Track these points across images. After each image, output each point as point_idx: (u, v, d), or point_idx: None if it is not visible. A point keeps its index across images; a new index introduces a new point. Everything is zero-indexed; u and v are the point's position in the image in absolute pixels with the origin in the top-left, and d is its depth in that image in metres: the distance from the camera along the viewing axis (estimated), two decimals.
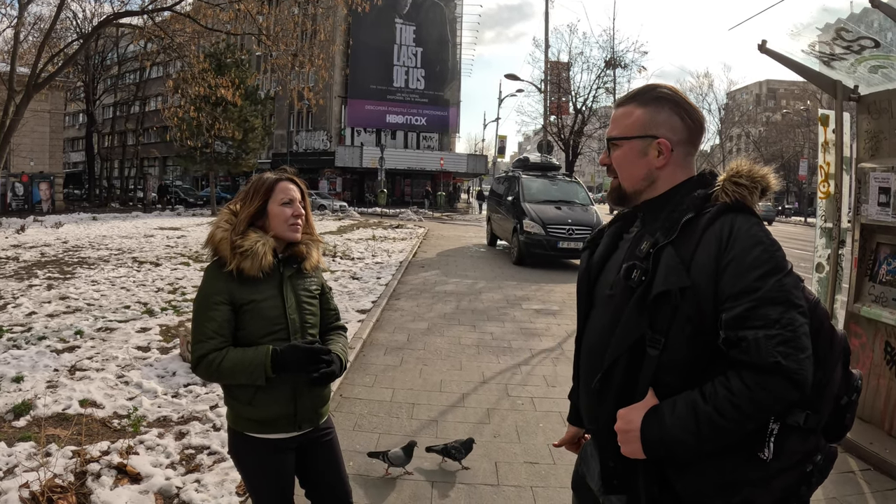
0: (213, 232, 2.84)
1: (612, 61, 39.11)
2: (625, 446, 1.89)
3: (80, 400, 5.97)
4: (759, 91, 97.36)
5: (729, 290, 1.78)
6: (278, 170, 3.00)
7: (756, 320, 1.72)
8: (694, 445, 1.77)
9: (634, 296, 1.91)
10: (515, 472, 5.00)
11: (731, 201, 1.90)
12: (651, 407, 1.85)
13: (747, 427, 1.74)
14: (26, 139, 37.55)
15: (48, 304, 10.37)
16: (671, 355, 1.85)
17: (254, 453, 2.87)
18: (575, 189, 20.13)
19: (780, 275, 1.76)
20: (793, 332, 1.70)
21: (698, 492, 1.84)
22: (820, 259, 6.51)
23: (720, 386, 1.75)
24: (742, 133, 79.08)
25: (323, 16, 24.34)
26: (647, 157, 2.06)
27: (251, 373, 2.68)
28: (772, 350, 1.68)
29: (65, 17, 38.92)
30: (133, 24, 19.08)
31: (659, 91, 2.08)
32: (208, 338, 2.70)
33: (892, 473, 4.97)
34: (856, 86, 5.99)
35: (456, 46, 64.67)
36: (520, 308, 11.77)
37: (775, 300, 1.73)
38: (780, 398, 1.70)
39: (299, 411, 2.86)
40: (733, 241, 1.81)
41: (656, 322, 1.86)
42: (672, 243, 1.89)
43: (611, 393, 1.97)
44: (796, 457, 1.79)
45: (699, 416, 1.75)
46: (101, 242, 20.51)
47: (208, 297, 2.75)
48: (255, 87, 43.20)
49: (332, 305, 3.18)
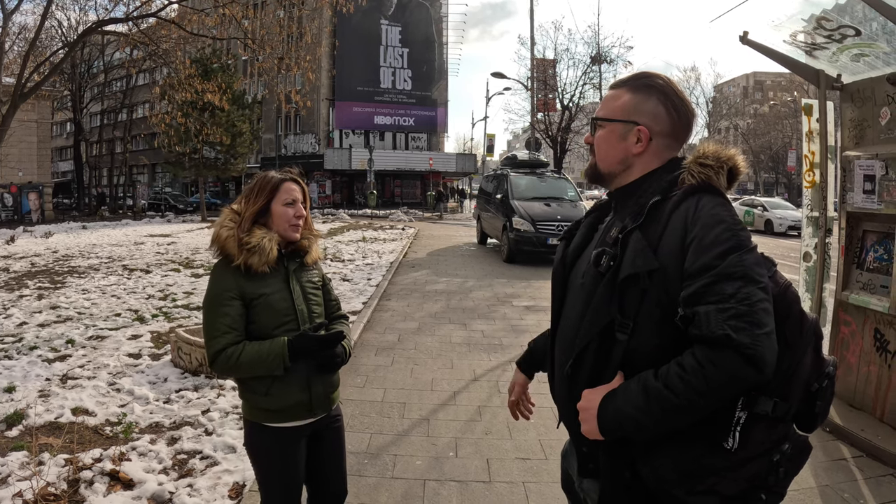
0: (218, 231, 2.91)
1: (597, 57, 39.25)
2: (584, 425, 1.89)
3: (72, 408, 5.95)
4: (746, 83, 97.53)
5: (689, 268, 1.77)
6: (283, 170, 3.08)
7: (711, 296, 1.70)
8: (645, 423, 1.76)
9: (603, 281, 1.92)
10: (507, 469, 5.00)
11: (697, 182, 1.91)
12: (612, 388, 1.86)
13: (701, 405, 1.69)
14: (14, 149, 37.33)
15: (39, 313, 10.33)
16: (640, 340, 1.85)
17: (269, 443, 2.96)
18: (563, 185, 20.18)
19: (740, 251, 1.74)
20: (748, 307, 1.67)
21: (662, 479, 1.83)
22: (807, 248, 6.55)
23: (674, 363, 1.73)
24: (730, 126, 79.24)
25: (308, 18, 24.32)
26: (625, 142, 2.07)
27: (269, 364, 2.78)
28: (722, 323, 1.65)
29: (49, 25, 38.86)
30: (118, 31, 19.05)
31: (651, 79, 2.08)
32: (223, 333, 2.78)
33: (884, 460, 4.99)
34: (839, 74, 6.02)
35: (442, 46, 64.58)
36: (510, 305, 11.79)
37: (732, 275, 1.71)
38: (734, 376, 1.65)
39: (313, 398, 2.97)
40: (696, 221, 1.81)
41: (625, 306, 1.86)
42: (640, 227, 1.89)
43: (581, 379, 1.98)
44: (763, 446, 1.76)
45: (649, 392, 1.74)
46: (91, 251, 20.42)
47: (219, 293, 2.83)
48: (242, 92, 43.07)
49: (334, 296, 3.30)
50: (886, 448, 5.05)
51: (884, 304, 5.51)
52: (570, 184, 20.52)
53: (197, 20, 16.52)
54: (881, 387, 5.56)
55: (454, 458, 5.16)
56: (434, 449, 5.35)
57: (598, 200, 2.35)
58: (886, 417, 5.47)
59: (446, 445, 5.43)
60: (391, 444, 5.43)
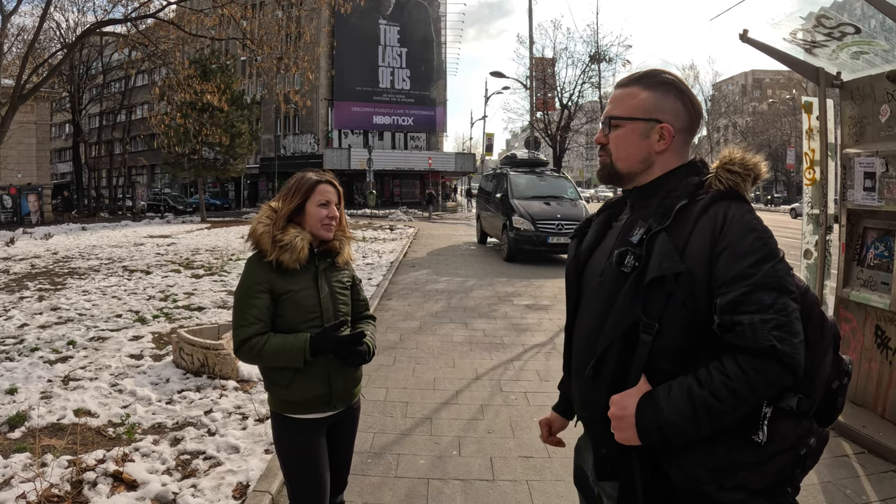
0: (255, 227, 3.04)
1: (596, 56, 39.18)
2: (619, 433, 1.88)
3: (74, 409, 5.95)
4: (745, 81, 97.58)
5: (723, 276, 1.78)
6: (319, 171, 3.20)
7: (750, 305, 1.73)
8: (691, 431, 1.77)
9: (628, 281, 1.91)
10: (511, 467, 5.01)
11: (725, 189, 1.91)
12: (645, 393, 1.85)
13: (741, 411, 1.74)
14: (13, 151, 37.30)
15: (40, 315, 10.33)
16: (664, 341, 1.86)
17: (291, 433, 3.09)
18: (563, 184, 20.19)
19: (773, 261, 1.77)
20: (786, 317, 1.71)
21: (691, 477, 1.83)
22: (808, 245, 6.55)
23: (715, 371, 1.75)
24: (729, 123, 79.30)
25: (307, 18, 24.32)
26: (648, 140, 2.06)
27: (291, 356, 2.90)
28: (767, 334, 1.69)
29: (48, 27, 38.95)
30: (117, 32, 19.04)
31: (665, 76, 2.08)
32: (250, 323, 2.92)
33: (886, 456, 5.01)
34: (838, 72, 6.02)
35: (440, 45, 64.59)
36: (511, 304, 11.79)
37: (769, 286, 1.74)
38: (774, 382, 1.70)
39: (333, 392, 3.09)
40: (728, 229, 1.82)
41: (650, 308, 1.87)
42: (666, 229, 1.90)
43: (604, 379, 1.97)
44: (790, 440, 1.79)
45: (695, 401, 1.75)
46: (91, 252, 20.43)
47: (250, 285, 2.97)
48: (240, 92, 43.12)
49: (363, 297, 3.43)
50: (888, 444, 5.05)
51: (884, 301, 5.51)
52: (569, 182, 20.52)
53: (196, 21, 16.52)
54: (882, 384, 5.57)
55: (457, 457, 5.17)
56: (437, 448, 5.36)
57: (612, 198, 2.36)
58: (888, 414, 5.47)
59: (449, 444, 5.43)
60: (394, 443, 5.44)
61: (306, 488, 3.08)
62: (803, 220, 6.62)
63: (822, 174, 6.34)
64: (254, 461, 4.90)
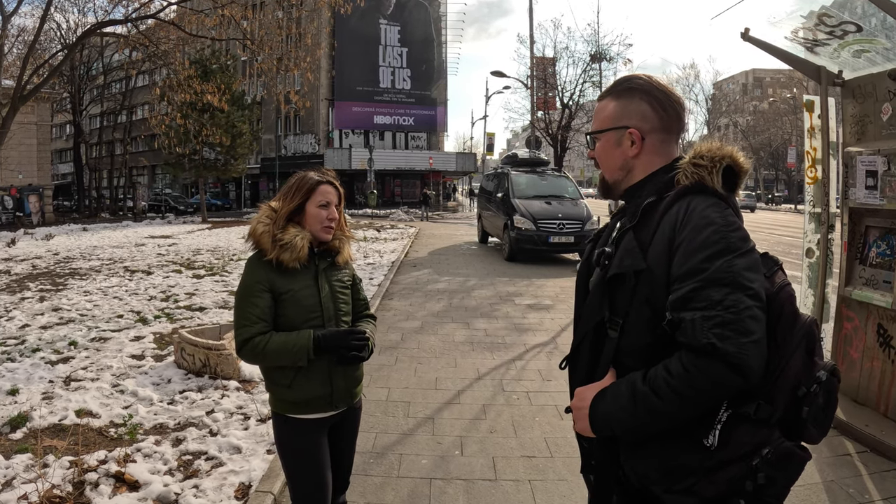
0: (255, 227, 3.04)
1: (597, 55, 39.05)
2: (576, 423, 1.94)
3: (75, 410, 5.95)
4: (746, 80, 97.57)
5: (676, 272, 1.78)
6: (321, 171, 3.21)
7: (699, 301, 1.70)
8: (631, 425, 1.79)
9: (597, 279, 1.97)
10: (513, 467, 5.00)
11: (690, 183, 1.91)
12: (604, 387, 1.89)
13: (688, 411, 1.72)
14: (14, 152, 37.29)
15: (41, 316, 10.33)
16: (630, 338, 1.88)
17: (292, 433, 3.08)
18: (564, 183, 20.19)
19: (729, 256, 1.73)
20: (735, 315, 1.66)
21: (644, 476, 1.87)
22: (810, 244, 6.55)
23: (661, 368, 1.75)
24: (730, 123, 79.23)
25: (307, 19, 24.30)
26: (621, 147, 2.09)
27: (295, 354, 2.90)
28: (706, 332, 1.66)
29: (49, 28, 38.92)
30: (117, 32, 19.04)
31: (632, 82, 2.10)
32: (252, 322, 2.92)
33: (889, 455, 5.00)
34: (840, 71, 6.02)
35: (441, 45, 64.51)
36: (512, 304, 11.79)
37: (720, 281, 1.70)
38: (721, 382, 1.66)
39: (335, 391, 3.09)
40: (685, 223, 1.81)
41: (615, 305, 1.91)
42: (633, 228, 1.93)
43: (579, 373, 2.03)
44: (743, 448, 1.73)
45: (637, 397, 1.76)
46: (93, 253, 20.43)
47: (251, 285, 2.98)
48: (241, 93, 43.10)
49: (363, 296, 3.43)
50: (890, 443, 5.05)
51: (887, 300, 5.51)
52: (570, 182, 20.52)
53: (196, 21, 16.52)
54: (884, 382, 5.56)
55: (460, 457, 5.16)
56: (439, 448, 5.36)
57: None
58: (890, 413, 5.47)
59: (451, 444, 5.43)
60: (396, 443, 5.44)
61: (308, 488, 3.07)
62: (805, 218, 6.62)
63: (824, 173, 6.34)
64: (256, 461, 4.90)
